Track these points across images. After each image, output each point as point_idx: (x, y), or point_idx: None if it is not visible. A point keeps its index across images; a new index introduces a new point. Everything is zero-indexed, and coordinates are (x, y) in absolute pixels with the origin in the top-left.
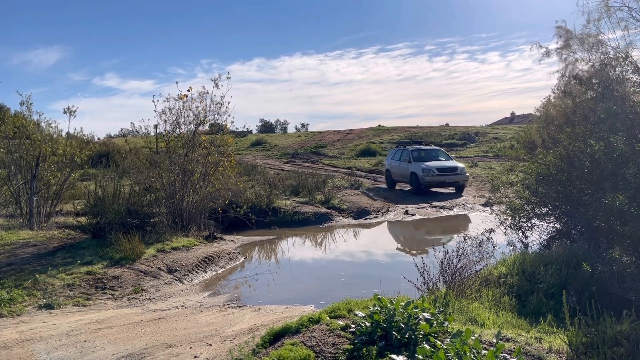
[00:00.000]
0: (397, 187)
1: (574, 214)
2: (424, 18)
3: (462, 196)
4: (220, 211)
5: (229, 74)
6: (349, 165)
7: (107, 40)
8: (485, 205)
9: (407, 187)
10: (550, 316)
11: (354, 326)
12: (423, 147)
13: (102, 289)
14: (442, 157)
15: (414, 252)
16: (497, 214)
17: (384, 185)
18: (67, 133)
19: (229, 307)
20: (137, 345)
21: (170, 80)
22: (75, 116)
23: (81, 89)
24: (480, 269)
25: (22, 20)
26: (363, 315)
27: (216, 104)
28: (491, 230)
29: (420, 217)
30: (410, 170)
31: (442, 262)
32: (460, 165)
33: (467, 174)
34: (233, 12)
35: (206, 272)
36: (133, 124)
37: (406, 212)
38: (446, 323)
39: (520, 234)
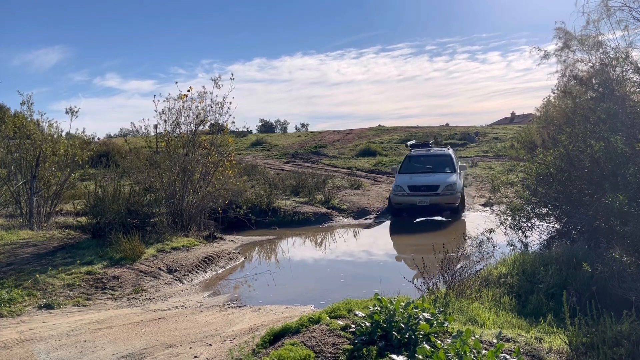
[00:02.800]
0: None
1: (574, 214)
2: (424, 18)
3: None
4: (220, 211)
5: (232, 75)
6: (349, 165)
7: (108, 41)
8: (485, 205)
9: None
10: (550, 316)
11: (354, 326)
12: (431, 152)
13: (102, 289)
14: (448, 169)
15: (414, 252)
16: (497, 214)
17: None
18: (67, 133)
19: (229, 307)
20: (137, 345)
21: (171, 80)
22: (77, 116)
23: (82, 90)
24: (480, 269)
25: (23, 21)
26: (363, 315)
27: (217, 104)
28: (491, 230)
29: (421, 217)
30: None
31: (442, 262)
32: (449, 180)
33: (458, 194)
34: (234, 12)
35: (206, 272)
36: (133, 123)
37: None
38: (446, 323)
39: (520, 234)
